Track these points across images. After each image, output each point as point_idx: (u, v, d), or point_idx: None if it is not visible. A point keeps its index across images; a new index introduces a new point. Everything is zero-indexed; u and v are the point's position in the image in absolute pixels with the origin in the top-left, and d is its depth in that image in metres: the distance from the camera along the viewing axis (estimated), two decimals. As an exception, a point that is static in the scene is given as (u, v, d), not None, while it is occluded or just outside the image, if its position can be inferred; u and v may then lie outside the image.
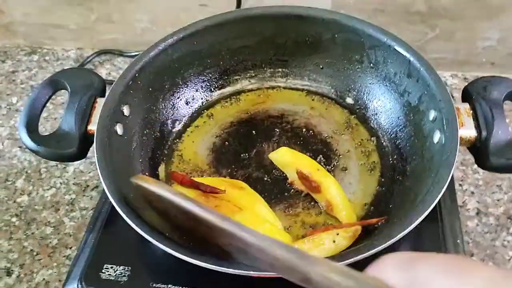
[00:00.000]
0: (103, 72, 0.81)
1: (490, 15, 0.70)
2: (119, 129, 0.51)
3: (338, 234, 0.47)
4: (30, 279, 0.57)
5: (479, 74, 0.76)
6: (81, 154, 0.51)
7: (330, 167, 0.55)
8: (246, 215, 0.48)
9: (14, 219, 0.63)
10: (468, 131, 0.48)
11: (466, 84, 0.75)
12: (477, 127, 0.48)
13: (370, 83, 0.60)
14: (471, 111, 0.49)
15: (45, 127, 0.73)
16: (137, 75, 0.54)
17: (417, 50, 0.55)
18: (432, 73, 0.51)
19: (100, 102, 0.52)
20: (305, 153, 0.56)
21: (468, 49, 0.75)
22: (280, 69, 0.64)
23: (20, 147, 0.70)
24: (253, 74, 0.64)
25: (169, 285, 0.47)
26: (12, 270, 0.58)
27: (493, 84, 0.50)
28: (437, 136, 0.49)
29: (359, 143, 0.57)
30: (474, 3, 0.69)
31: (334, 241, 0.47)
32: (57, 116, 0.74)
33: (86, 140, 0.51)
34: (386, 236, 0.40)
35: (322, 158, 0.56)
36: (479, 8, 0.69)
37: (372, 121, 0.59)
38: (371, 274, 0.25)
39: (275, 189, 0.53)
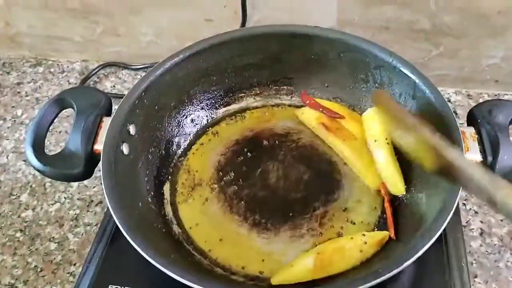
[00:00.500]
0: (107, 85, 0.81)
1: (495, 33, 0.70)
2: (125, 148, 0.51)
3: (366, 243, 0.48)
4: (34, 295, 0.57)
5: (482, 91, 0.77)
6: (87, 174, 0.51)
7: (334, 187, 0.55)
8: (358, 144, 0.57)
9: (18, 234, 0.63)
10: (473, 155, 0.48)
11: (470, 100, 0.77)
12: (483, 151, 0.48)
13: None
14: (477, 136, 0.49)
15: (49, 141, 0.73)
16: (143, 94, 0.54)
17: (421, 67, 0.55)
18: (438, 97, 0.51)
19: (106, 121, 0.52)
20: (309, 172, 0.56)
21: (472, 67, 0.75)
22: (285, 87, 0.65)
23: (24, 160, 0.71)
24: (258, 92, 0.64)
25: (174, 307, 0.47)
26: (16, 287, 0.58)
27: (498, 108, 0.51)
28: (442, 160, 0.49)
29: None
30: (479, 22, 0.69)
31: (360, 251, 0.47)
32: (61, 129, 0.74)
33: (92, 160, 0.51)
34: (392, 263, 0.40)
35: (327, 177, 0.56)
36: (484, 26, 0.70)
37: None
38: None
39: (280, 210, 0.54)
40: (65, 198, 0.66)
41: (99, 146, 0.51)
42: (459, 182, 0.37)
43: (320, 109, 0.60)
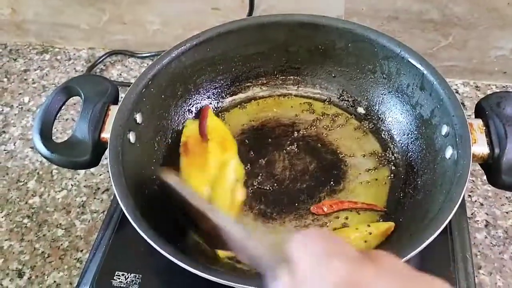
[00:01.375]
0: (114, 73, 0.81)
1: (504, 25, 0.69)
2: (131, 137, 0.52)
3: (370, 233, 0.48)
4: (41, 281, 0.58)
5: (490, 83, 0.77)
6: (94, 161, 0.51)
7: (340, 178, 0.55)
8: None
9: (25, 220, 0.63)
10: (480, 148, 0.48)
11: (477, 92, 0.76)
12: (490, 144, 0.48)
13: (382, 94, 0.60)
14: (484, 128, 0.49)
15: (56, 128, 0.73)
16: (150, 82, 0.54)
17: (429, 58, 0.55)
18: (446, 88, 0.51)
19: (113, 109, 0.52)
20: (314, 161, 0.56)
21: (481, 58, 0.74)
22: (292, 77, 0.64)
23: (31, 147, 0.71)
24: (265, 81, 0.64)
25: (179, 294, 0.47)
26: (23, 272, 0.59)
27: (507, 100, 0.50)
28: (449, 152, 0.49)
29: (370, 154, 0.58)
30: (488, 13, 0.68)
31: (365, 241, 0.48)
32: (68, 117, 0.75)
33: (99, 148, 0.51)
34: (397, 254, 0.40)
35: (332, 168, 0.56)
36: (493, 17, 0.69)
37: (383, 132, 0.59)
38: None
39: (286, 199, 0.54)
40: (72, 185, 0.67)
41: (106, 134, 0.51)
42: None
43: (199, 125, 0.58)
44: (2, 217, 0.64)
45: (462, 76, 0.77)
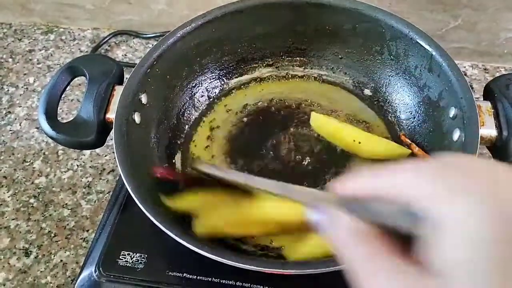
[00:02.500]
0: (119, 54, 0.81)
1: (515, 6, 0.68)
2: (137, 118, 0.51)
3: None
4: (48, 260, 0.58)
5: (499, 65, 0.76)
6: (99, 142, 0.51)
7: (345, 160, 0.55)
8: None
9: (32, 200, 0.64)
10: (489, 130, 0.48)
11: (486, 74, 0.75)
12: (498, 126, 0.47)
13: (389, 76, 0.59)
14: (493, 110, 0.49)
15: (61, 108, 0.73)
16: (155, 63, 0.54)
17: (437, 39, 0.54)
18: (455, 69, 0.50)
19: (118, 89, 0.52)
20: (321, 144, 0.56)
21: (490, 40, 0.73)
22: (298, 58, 0.64)
23: (37, 128, 0.71)
24: (271, 62, 0.64)
25: (185, 274, 0.48)
26: (30, 251, 0.59)
27: (516, 82, 0.50)
28: (456, 134, 0.48)
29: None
30: (499, -7, 0.67)
31: None
32: (73, 97, 0.75)
33: (104, 128, 0.51)
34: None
35: (338, 150, 0.56)
36: (504, -2, 0.68)
37: (390, 114, 0.59)
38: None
39: (291, 182, 0.53)
40: (77, 165, 0.67)
41: (111, 115, 0.51)
42: None
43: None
44: (8, 197, 0.64)
45: (470, 58, 0.76)
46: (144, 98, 0.53)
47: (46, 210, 0.63)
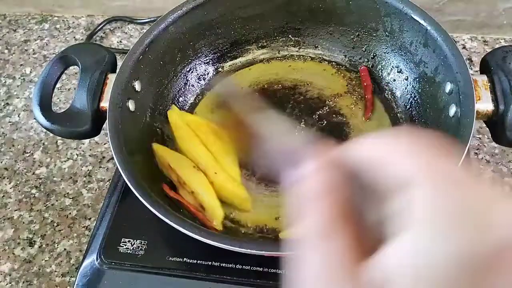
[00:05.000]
0: (114, 41, 0.80)
1: (514, -25, 0.67)
2: (131, 105, 0.51)
3: None
4: (51, 249, 0.59)
5: (499, 37, 0.74)
6: (94, 131, 0.51)
7: (342, 139, 0.55)
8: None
9: (34, 191, 0.64)
10: (485, 104, 0.47)
11: (486, 47, 0.74)
12: (495, 100, 0.47)
13: (385, 52, 0.58)
14: (489, 84, 0.48)
15: (59, 98, 0.73)
16: (147, 49, 0.53)
17: (435, 13, 0.53)
18: (450, 44, 0.49)
19: (112, 78, 0.52)
20: (317, 123, 0.56)
21: (489, 11, 0.72)
22: (292, 38, 0.63)
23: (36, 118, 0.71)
24: (265, 44, 0.63)
25: (185, 259, 0.48)
26: (34, 241, 0.60)
27: (513, 54, 0.49)
28: (452, 110, 0.48)
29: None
30: (497, -37, 0.66)
31: None
32: (70, 86, 0.74)
33: (99, 117, 0.51)
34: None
35: (335, 130, 0.56)
36: (502, -33, 0.66)
37: (386, 91, 0.58)
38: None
39: (288, 163, 0.54)
40: (77, 155, 0.67)
41: (105, 103, 0.51)
42: None
43: None
44: (10, 188, 0.65)
45: (469, 31, 0.75)
46: (137, 85, 0.53)
47: (48, 200, 0.63)
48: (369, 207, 0.19)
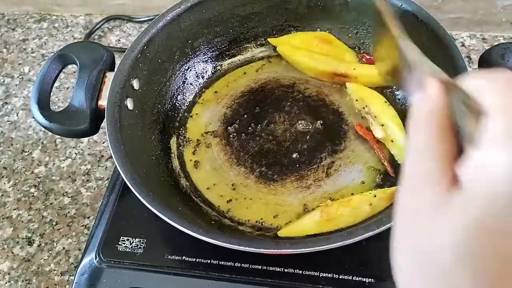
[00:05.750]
0: (112, 39, 0.80)
1: (512, -28, 0.67)
2: (129, 103, 0.51)
3: (375, 196, 0.48)
4: (50, 248, 0.59)
5: (498, 34, 0.74)
6: (93, 129, 0.51)
7: (341, 137, 0.55)
8: None
9: (32, 190, 0.64)
10: (483, 102, 0.47)
11: (484, 44, 0.74)
12: (493, 98, 0.47)
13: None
14: (487, 81, 0.48)
15: (57, 97, 0.73)
16: (145, 47, 0.53)
17: (434, 11, 0.53)
18: (449, 41, 0.49)
19: (110, 76, 0.52)
20: (316, 121, 0.56)
21: (487, 9, 0.72)
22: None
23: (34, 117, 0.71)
24: (264, 42, 0.63)
25: (183, 257, 0.48)
26: (33, 240, 0.60)
27: (511, 51, 0.49)
28: (451, 107, 0.48)
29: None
30: (496, -40, 0.66)
31: (370, 204, 0.47)
32: (69, 85, 0.74)
33: (97, 116, 0.51)
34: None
35: (333, 128, 0.56)
36: (501, -35, 0.66)
37: (385, 89, 0.58)
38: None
39: (286, 161, 0.54)
40: (76, 153, 0.67)
41: (103, 102, 0.51)
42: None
43: None
44: (9, 187, 0.65)
45: (468, 28, 0.75)
46: (136, 84, 0.53)
47: (46, 199, 0.63)
48: (464, 122, 0.24)
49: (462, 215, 0.21)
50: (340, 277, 0.45)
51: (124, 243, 0.49)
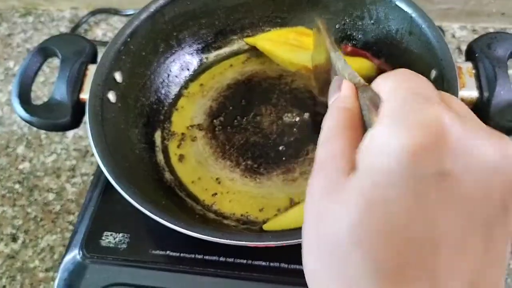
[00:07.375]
0: (99, 33, 0.79)
1: (501, -38, 0.66)
2: (111, 96, 0.50)
3: None
4: (35, 244, 0.58)
5: (488, 25, 0.74)
6: (75, 123, 0.50)
7: (329, 130, 0.54)
8: None
9: (17, 186, 0.63)
10: (469, 92, 0.46)
11: (475, 35, 0.73)
12: (479, 87, 0.46)
13: (371, 41, 0.58)
14: (474, 71, 0.47)
15: (43, 92, 0.72)
16: (128, 39, 0.53)
17: (424, 2, 0.52)
18: (434, 31, 0.48)
19: (92, 69, 0.51)
20: (303, 113, 0.55)
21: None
22: (278, 28, 0.62)
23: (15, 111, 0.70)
24: (250, 34, 0.62)
25: (168, 252, 0.47)
26: (17, 236, 0.59)
27: (498, 41, 0.48)
28: (437, 97, 0.47)
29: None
30: (485, -50, 0.65)
31: None
32: (53, 80, 0.73)
33: (79, 109, 0.50)
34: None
35: (320, 120, 0.55)
36: (490, -46, 0.65)
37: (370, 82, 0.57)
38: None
39: (272, 154, 0.53)
40: (61, 149, 0.66)
41: (85, 95, 0.50)
42: None
43: None
44: (-7, 183, 0.64)
45: (458, 19, 0.74)
46: (118, 76, 0.52)
47: (31, 195, 0.62)
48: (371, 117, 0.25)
49: (356, 196, 0.21)
50: (326, 270, 0.45)
51: (107, 238, 0.49)
